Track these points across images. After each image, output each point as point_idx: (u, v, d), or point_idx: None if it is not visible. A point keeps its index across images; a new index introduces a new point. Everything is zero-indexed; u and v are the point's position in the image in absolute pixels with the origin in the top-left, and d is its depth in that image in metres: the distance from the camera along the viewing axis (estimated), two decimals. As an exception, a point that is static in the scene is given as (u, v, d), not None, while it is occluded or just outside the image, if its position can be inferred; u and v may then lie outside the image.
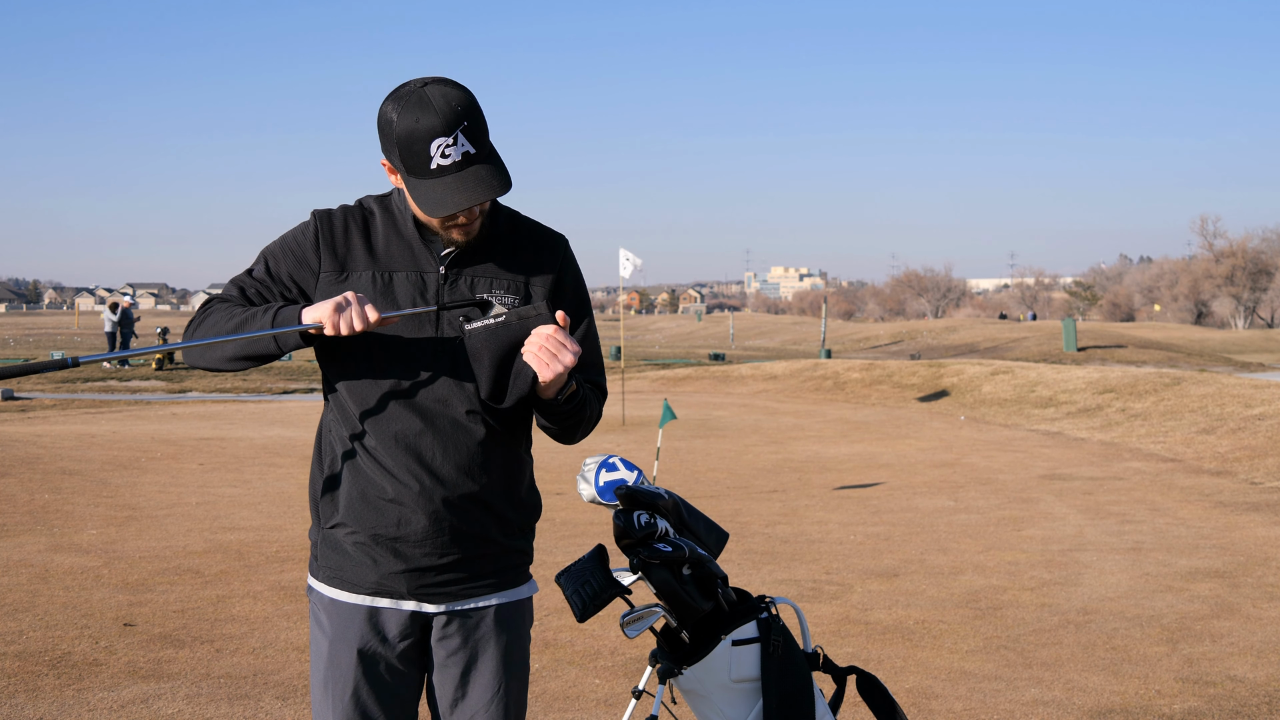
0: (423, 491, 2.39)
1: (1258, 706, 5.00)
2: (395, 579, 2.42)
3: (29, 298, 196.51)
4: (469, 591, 2.47)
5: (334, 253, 2.44)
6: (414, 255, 2.43)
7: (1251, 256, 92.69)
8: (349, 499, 2.42)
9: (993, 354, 44.60)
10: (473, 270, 2.43)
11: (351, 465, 2.42)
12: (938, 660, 5.69)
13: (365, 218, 2.47)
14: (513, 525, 2.51)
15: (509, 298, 2.43)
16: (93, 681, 5.12)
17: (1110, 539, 8.80)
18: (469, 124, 2.27)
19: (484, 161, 2.30)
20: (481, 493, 2.43)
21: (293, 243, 2.47)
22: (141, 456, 13.03)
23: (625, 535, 3.00)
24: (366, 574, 2.43)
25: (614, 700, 5.05)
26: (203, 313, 2.43)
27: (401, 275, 2.42)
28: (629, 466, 3.25)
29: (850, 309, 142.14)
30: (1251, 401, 16.24)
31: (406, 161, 2.29)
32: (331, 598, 2.47)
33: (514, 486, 2.51)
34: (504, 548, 2.50)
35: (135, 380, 26.88)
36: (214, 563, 7.63)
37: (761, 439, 16.34)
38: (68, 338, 49.74)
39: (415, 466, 2.38)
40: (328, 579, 2.47)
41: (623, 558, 3.02)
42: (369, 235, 2.45)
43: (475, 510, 2.43)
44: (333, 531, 2.46)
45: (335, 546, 2.45)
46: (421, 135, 2.25)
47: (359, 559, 2.43)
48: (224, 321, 2.36)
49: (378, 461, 2.39)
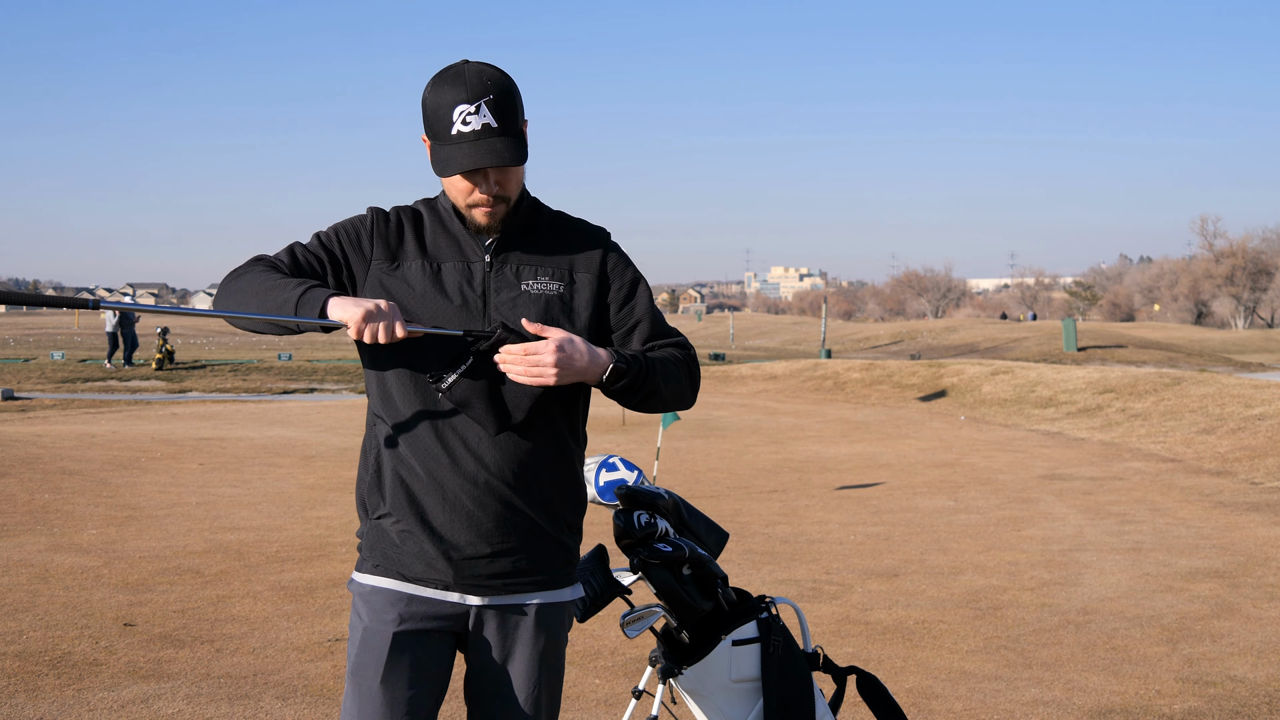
0: (472, 480, 2.40)
1: (1258, 707, 5.00)
2: (442, 569, 2.42)
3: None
4: (515, 586, 2.46)
5: (386, 243, 2.49)
6: (460, 247, 2.49)
7: (1251, 256, 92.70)
8: (395, 489, 2.44)
9: (993, 354, 44.61)
10: (517, 258, 2.49)
11: (397, 456, 2.44)
12: (938, 660, 5.69)
13: (415, 216, 2.55)
14: (561, 519, 2.51)
15: (554, 284, 2.49)
16: (93, 681, 5.12)
17: (1110, 539, 8.80)
18: (495, 98, 2.37)
19: (503, 135, 2.38)
20: (531, 483, 2.44)
21: (350, 227, 2.52)
22: (141, 456, 13.03)
23: (625, 535, 3.00)
24: (413, 564, 2.43)
25: (614, 700, 5.05)
26: (250, 265, 2.45)
27: (449, 265, 2.47)
28: (629, 466, 3.26)
29: (850, 309, 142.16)
30: (1251, 401, 16.24)
31: (433, 127, 2.40)
32: (373, 586, 2.47)
33: (564, 477, 2.51)
34: (553, 541, 2.50)
35: (135, 380, 26.88)
36: (214, 563, 7.63)
37: (761, 439, 16.34)
38: (68, 337, 49.73)
39: (464, 455, 2.40)
40: (372, 569, 2.48)
41: (623, 558, 3.03)
42: (419, 231, 2.52)
43: (525, 501, 2.44)
44: (379, 522, 2.47)
45: (382, 536, 2.46)
46: (447, 102, 2.37)
47: (406, 548, 2.43)
48: (259, 282, 2.36)
49: (426, 450, 2.41)
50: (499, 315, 2.44)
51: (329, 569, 7.47)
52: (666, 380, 2.51)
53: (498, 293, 2.46)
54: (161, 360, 29.12)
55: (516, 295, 2.46)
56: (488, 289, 2.46)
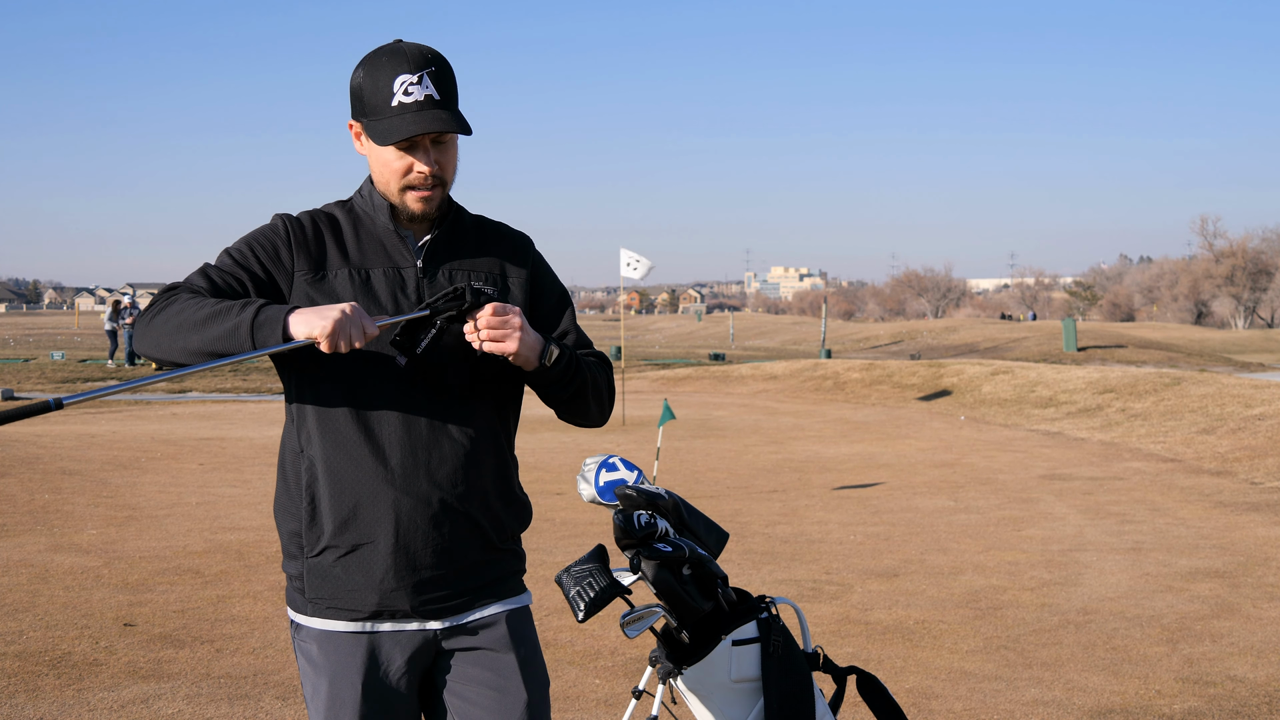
0: (419, 499, 2.30)
1: (1258, 707, 5.00)
2: (397, 596, 2.30)
3: (29, 298, 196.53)
4: (473, 603, 2.38)
5: (307, 251, 2.35)
6: (388, 252, 2.38)
7: (1251, 256, 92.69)
8: (339, 518, 2.29)
9: (993, 354, 44.60)
10: (449, 265, 2.41)
11: (335, 482, 2.29)
12: (938, 660, 5.69)
13: (331, 221, 2.42)
14: (507, 529, 2.44)
15: (487, 288, 2.40)
16: (93, 681, 5.12)
17: (1110, 539, 8.80)
18: (437, 70, 2.30)
19: (446, 107, 2.30)
20: (477, 495, 2.36)
21: (263, 239, 2.36)
22: (141, 456, 13.03)
23: (625, 535, 3.00)
24: (366, 596, 2.30)
25: (614, 700, 5.05)
26: (166, 298, 2.24)
27: (379, 272, 2.36)
28: (629, 466, 3.25)
29: (850, 309, 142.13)
30: (1251, 401, 16.24)
31: (369, 103, 2.30)
32: (325, 630, 2.33)
33: (507, 485, 2.44)
34: (502, 553, 2.43)
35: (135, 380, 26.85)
36: (214, 563, 7.63)
37: (761, 439, 16.34)
38: (68, 338, 49.72)
39: (409, 474, 2.29)
40: (319, 611, 2.33)
41: (623, 558, 3.02)
42: (339, 235, 2.39)
43: (472, 514, 2.35)
44: (320, 558, 2.31)
45: (325, 574, 2.31)
46: (386, 75, 2.28)
47: (356, 581, 2.30)
48: (193, 310, 2.16)
49: (371, 473, 2.28)
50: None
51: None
52: (594, 384, 2.47)
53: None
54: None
55: None
56: (422, 295, 2.36)
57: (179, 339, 2.17)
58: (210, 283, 2.27)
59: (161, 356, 2.21)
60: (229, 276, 2.29)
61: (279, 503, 2.39)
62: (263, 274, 2.32)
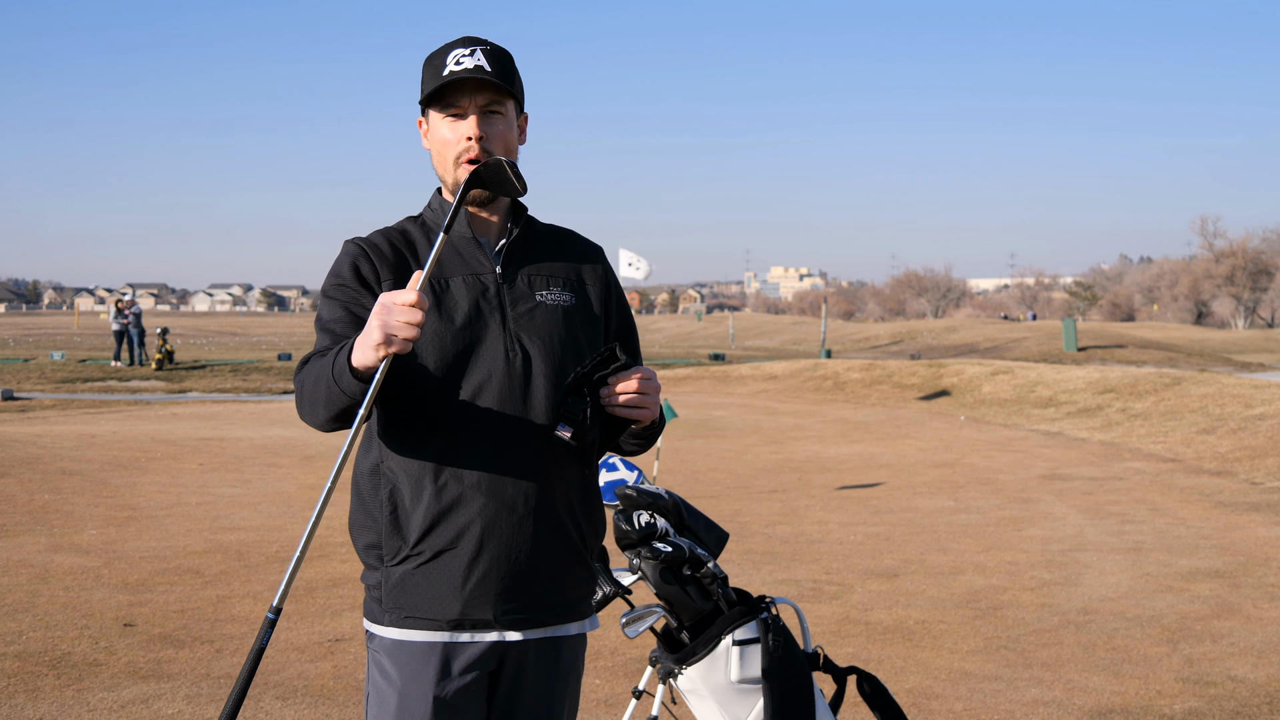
0: (511, 506, 2.27)
1: (1258, 707, 5.00)
2: (482, 605, 2.27)
3: (29, 298, 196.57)
4: (552, 618, 2.35)
5: (389, 265, 2.35)
6: (465, 260, 2.38)
7: (1251, 256, 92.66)
8: (423, 526, 2.26)
9: (993, 354, 44.60)
10: (527, 270, 2.41)
11: (419, 489, 2.27)
12: (938, 660, 5.69)
13: (404, 235, 2.42)
14: (591, 546, 2.42)
15: (566, 294, 2.41)
16: (93, 681, 5.12)
17: (1110, 539, 8.80)
18: (492, 49, 2.37)
19: (495, 76, 2.35)
20: (562, 502, 2.33)
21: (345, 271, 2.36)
22: (141, 456, 13.03)
23: (625, 535, 3.00)
24: (448, 604, 2.26)
25: (614, 700, 5.05)
26: (300, 372, 2.30)
27: (458, 280, 2.34)
28: (629, 466, 3.26)
29: (850, 309, 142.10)
30: (1252, 401, 16.24)
31: (427, 83, 2.37)
32: (399, 640, 2.30)
33: (590, 501, 2.42)
34: (585, 569, 2.40)
35: (135, 380, 26.88)
36: (214, 563, 7.63)
37: (761, 439, 16.34)
38: (67, 338, 49.73)
39: (494, 480, 2.26)
40: (396, 621, 2.30)
41: (623, 558, 3.02)
42: (414, 249, 2.40)
43: (560, 524, 2.33)
44: (401, 566, 2.28)
45: (405, 584, 2.28)
46: (443, 54, 2.37)
47: (438, 589, 2.26)
48: (306, 385, 2.24)
49: (459, 479, 2.26)
50: (517, 328, 2.33)
51: (329, 569, 7.47)
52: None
53: (514, 305, 2.35)
54: (161, 360, 29.12)
55: (534, 306, 2.36)
56: (504, 301, 2.35)
57: (317, 414, 2.23)
58: (331, 337, 2.30)
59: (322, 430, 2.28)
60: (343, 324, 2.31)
61: (354, 519, 2.37)
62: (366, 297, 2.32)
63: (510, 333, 2.32)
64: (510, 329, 2.32)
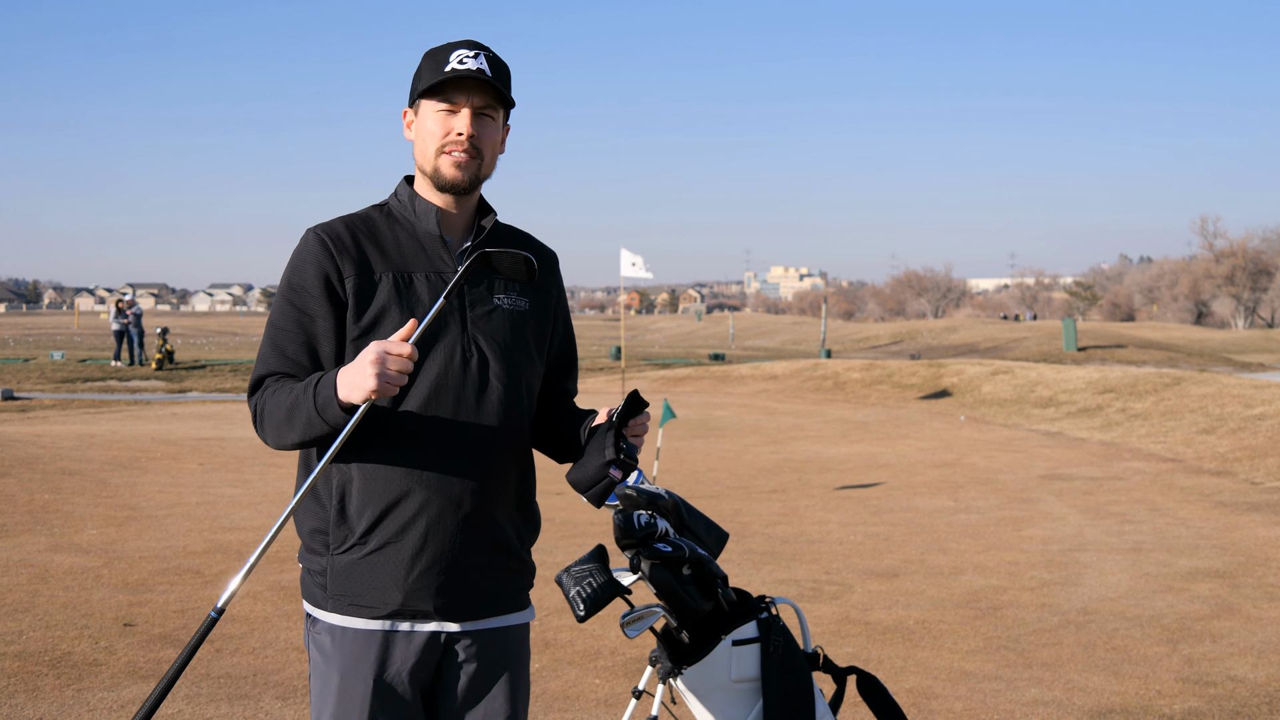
0: (450, 500, 2.35)
1: (1258, 707, 5.00)
2: (422, 596, 2.34)
3: (29, 298, 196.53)
4: (491, 609, 2.44)
5: (351, 259, 2.38)
6: (429, 256, 2.43)
7: (1251, 256, 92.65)
8: (367, 517, 2.33)
9: (993, 354, 44.60)
10: (491, 272, 2.45)
11: (368, 482, 2.34)
12: (938, 660, 5.69)
13: (367, 223, 2.45)
14: (527, 540, 2.53)
15: (522, 300, 2.49)
16: (93, 681, 5.12)
17: (1110, 539, 8.80)
18: (493, 58, 2.42)
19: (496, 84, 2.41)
20: (506, 504, 2.44)
21: (309, 279, 2.37)
22: (141, 456, 13.03)
23: (625, 535, 3.00)
24: (389, 594, 2.33)
25: (614, 700, 5.05)
26: (257, 398, 2.37)
27: (420, 276, 2.40)
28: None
29: (850, 309, 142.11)
30: (1251, 401, 16.24)
31: (426, 76, 2.41)
32: (342, 626, 2.37)
33: (527, 495, 2.53)
34: (522, 562, 2.51)
35: (135, 380, 26.88)
36: (214, 563, 7.63)
37: (761, 439, 16.34)
38: (68, 338, 49.72)
39: (447, 482, 2.35)
40: (338, 607, 2.37)
41: (623, 558, 3.02)
42: (378, 238, 2.43)
43: (500, 522, 2.43)
44: (347, 555, 2.35)
45: (350, 572, 2.35)
46: (445, 52, 2.42)
47: (380, 579, 2.34)
48: (275, 408, 2.31)
49: (405, 474, 2.33)
50: (474, 329, 2.40)
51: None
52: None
53: (473, 307, 2.42)
54: (161, 360, 29.12)
55: (491, 310, 2.43)
56: (464, 302, 2.41)
57: (286, 437, 2.31)
58: (281, 357, 2.37)
59: (289, 450, 2.39)
60: (294, 344, 2.37)
61: (301, 504, 2.40)
62: (321, 310, 2.36)
63: (468, 334, 2.40)
64: (468, 330, 2.41)
